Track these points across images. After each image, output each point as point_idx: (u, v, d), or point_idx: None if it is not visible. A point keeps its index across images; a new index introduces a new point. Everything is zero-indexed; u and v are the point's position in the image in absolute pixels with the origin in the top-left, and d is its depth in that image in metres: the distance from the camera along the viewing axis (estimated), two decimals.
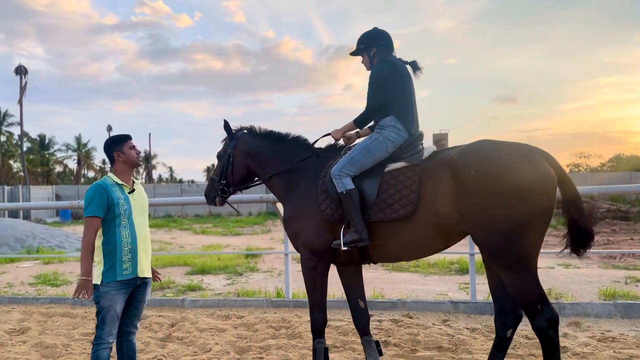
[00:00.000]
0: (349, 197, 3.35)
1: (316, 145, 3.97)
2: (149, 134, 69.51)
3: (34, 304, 6.93)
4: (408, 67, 3.62)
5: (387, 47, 3.64)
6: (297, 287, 6.98)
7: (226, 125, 4.13)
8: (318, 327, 3.70)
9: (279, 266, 11.08)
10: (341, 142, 3.88)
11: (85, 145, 63.64)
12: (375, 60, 3.65)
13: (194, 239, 18.35)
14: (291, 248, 6.73)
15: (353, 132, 3.79)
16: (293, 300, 6.32)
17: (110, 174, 3.70)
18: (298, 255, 4.07)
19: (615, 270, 9.44)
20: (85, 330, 5.53)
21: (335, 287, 5.01)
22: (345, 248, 3.36)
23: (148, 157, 73.48)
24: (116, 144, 3.69)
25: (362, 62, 3.75)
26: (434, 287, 7.83)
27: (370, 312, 5.36)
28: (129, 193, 3.64)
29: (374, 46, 3.65)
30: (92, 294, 3.37)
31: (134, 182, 3.73)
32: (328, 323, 5.28)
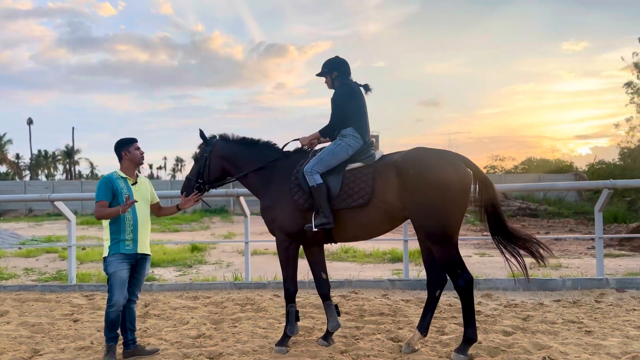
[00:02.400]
0: (319, 190, 4.28)
1: (285, 149, 4.86)
2: (73, 128, 66.53)
3: (2, 291, 7.28)
4: (361, 88, 4.60)
5: (345, 72, 4.61)
6: (253, 273, 7.80)
7: (201, 134, 4.93)
8: (290, 294, 4.60)
9: (226, 258, 11.79)
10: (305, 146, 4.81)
11: (1, 138, 60.21)
12: (336, 82, 4.60)
13: None
14: (251, 237, 7.57)
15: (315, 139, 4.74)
16: (254, 282, 7.16)
17: (117, 170, 4.59)
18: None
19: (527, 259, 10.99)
20: (64, 312, 6.08)
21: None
22: (315, 230, 4.28)
23: (70, 153, 70.46)
24: (124, 145, 4.62)
25: (325, 82, 4.69)
26: (371, 273, 8.89)
27: None
28: (132, 184, 4.55)
29: (335, 70, 4.60)
30: (131, 204, 4.29)
31: (137, 175, 4.66)
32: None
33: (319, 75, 4.70)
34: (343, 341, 4.68)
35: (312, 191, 4.30)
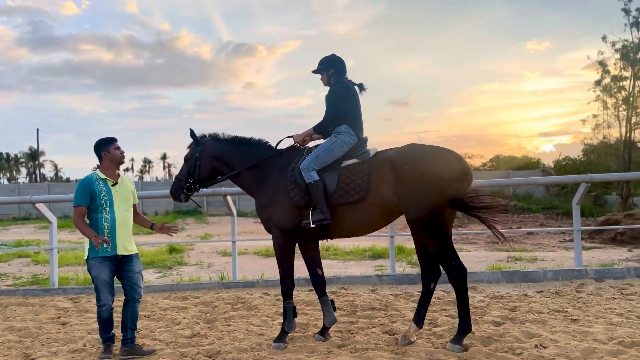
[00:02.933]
0: (316, 186, 4.32)
1: (278, 146, 4.89)
2: (37, 130, 64.53)
3: None
4: (356, 87, 4.67)
5: (341, 70, 4.66)
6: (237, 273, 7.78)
7: (192, 133, 4.92)
8: (287, 291, 4.63)
9: (206, 259, 11.72)
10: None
11: None
12: (332, 79, 4.65)
13: None
14: (237, 236, 7.55)
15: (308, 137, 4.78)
16: (242, 281, 7.16)
17: (97, 170, 4.54)
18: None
19: (499, 252, 11.29)
20: (50, 315, 5.97)
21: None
22: (313, 226, 4.33)
23: (35, 155, 68.58)
24: (104, 145, 4.57)
25: (321, 79, 4.73)
26: (353, 270, 8.98)
27: (310, 287, 6.38)
28: (112, 186, 4.49)
29: (331, 68, 4.65)
30: (102, 242, 4.24)
31: (119, 175, 4.59)
32: (278, 297, 6.21)
33: (315, 72, 4.74)
34: (339, 336, 4.74)
35: (309, 188, 4.34)
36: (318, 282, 4.81)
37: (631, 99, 20.28)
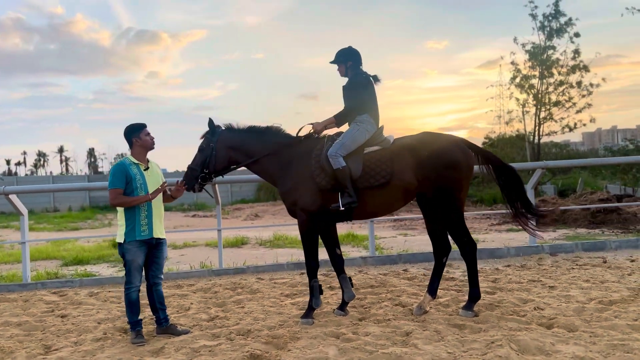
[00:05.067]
0: (344, 172, 4.63)
1: (293, 134, 5.13)
2: None
3: None
4: (371, 78, 5.02)
5: (358, 61, 4.99)
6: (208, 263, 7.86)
7: (210, 122, 5.04)
8: (312, 270, 4.92)
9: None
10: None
11: None
12: (350, 71, 4.96)
13: (30, 235, 17.01)
14: (223, 224, 7.63)
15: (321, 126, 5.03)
16: (232, 268, 7.27)
17: (129, 156, 4.59)
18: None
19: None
20: (42, 309, 5.76)
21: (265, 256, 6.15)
22: (342, 209, 4.64)
23: None
24: (134, 132, 4.62)
25: (338, 69, 5.02)
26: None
27: (298, 271, 6.68)
28: (144, 170, 4.59)
29: (350, 60, 4.96)
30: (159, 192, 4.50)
31: (148, 161, 4.68)
32: (274, 280, 6.44)
33: (332, 62, 5.02)
34: (356, 310, 5.10)
35: (337, 173, 4.64)
36: (337, 261, 5.13)
37: (539, 95, 22.37)
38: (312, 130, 5.02)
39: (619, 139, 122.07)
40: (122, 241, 4.53)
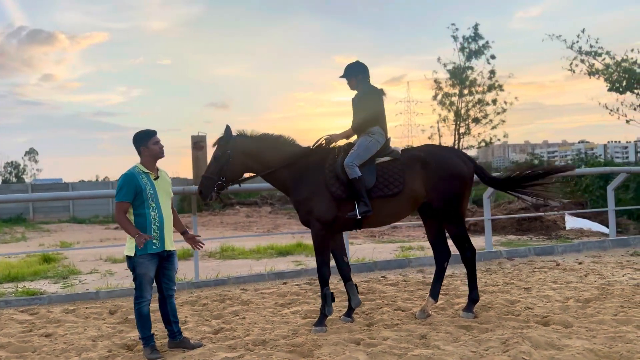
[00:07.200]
0: (360, 181, 4.78)
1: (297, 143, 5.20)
2: None
3: None
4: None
5: (367, 75, 5.19)
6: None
7: (227, 130, 5.00)
8: (325, 279, 4.99)
9: (96, 267, 10.65)
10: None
11: None
12: (360, 84, 5.13)
13: None
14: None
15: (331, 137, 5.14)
16: (213, 280, 7.09)
17: (138, 164, 4.41)
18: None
19: (391, 244, 12.61)
20: (19, 330, 5.32)
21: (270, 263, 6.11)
22: (359, 217, 4.78)
23: None
24: (142, 140, 4.51)
25: (348, 83, 5.19)
26: (275, 267, 9.28)
27: (280, 281, 6.71)
28: (155, 180, 4.42)
29: (360, 74, 5.15)
30: (147, 239, 4.23)
31: (158, 169, 4.51)
32: (260, 291, 6.43)
33: (342, 77, 5.17)
34: (360, 317, 5.24)
35: (354, 183, 4.78)
36: (344, 268, 5.25)
37: (460, 112, 23.94)
38: (328, 141, 5.11)
39: (509, 153, 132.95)
40: (132, 254, 4.34)
